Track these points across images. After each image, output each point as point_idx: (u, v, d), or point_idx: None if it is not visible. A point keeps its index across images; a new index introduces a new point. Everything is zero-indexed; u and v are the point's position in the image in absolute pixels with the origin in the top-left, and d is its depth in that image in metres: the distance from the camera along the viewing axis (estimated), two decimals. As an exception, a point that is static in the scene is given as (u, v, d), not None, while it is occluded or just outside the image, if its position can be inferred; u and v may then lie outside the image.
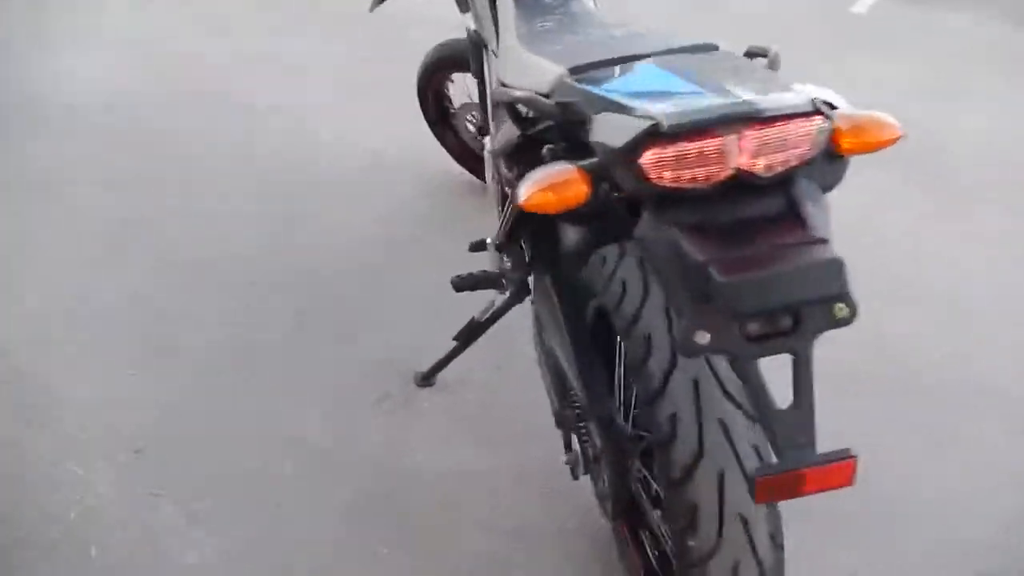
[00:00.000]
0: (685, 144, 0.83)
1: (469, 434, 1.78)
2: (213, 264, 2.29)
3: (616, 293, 1.14)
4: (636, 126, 0.85)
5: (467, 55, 2.30)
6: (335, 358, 1.98)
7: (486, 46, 1.70)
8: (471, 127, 2.51)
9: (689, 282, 0.82)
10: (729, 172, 0.85)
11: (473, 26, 1.76)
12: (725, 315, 0.81)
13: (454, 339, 1.85)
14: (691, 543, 1.03)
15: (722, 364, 1.05)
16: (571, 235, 1.53)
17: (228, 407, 1.85)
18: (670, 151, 0.84)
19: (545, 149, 1.12)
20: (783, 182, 0.87)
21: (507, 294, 1.76)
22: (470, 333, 1.83)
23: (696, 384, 1.03)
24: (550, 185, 0.93)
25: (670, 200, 0.87)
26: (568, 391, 1.39)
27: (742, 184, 0.86)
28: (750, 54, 1.11)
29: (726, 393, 1.03)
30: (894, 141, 0.90)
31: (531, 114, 1.21)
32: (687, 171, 0.84)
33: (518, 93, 1.16)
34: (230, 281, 2.23)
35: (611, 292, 1.15)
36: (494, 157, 1.61)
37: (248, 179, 2.72)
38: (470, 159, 2.63)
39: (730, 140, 0.83)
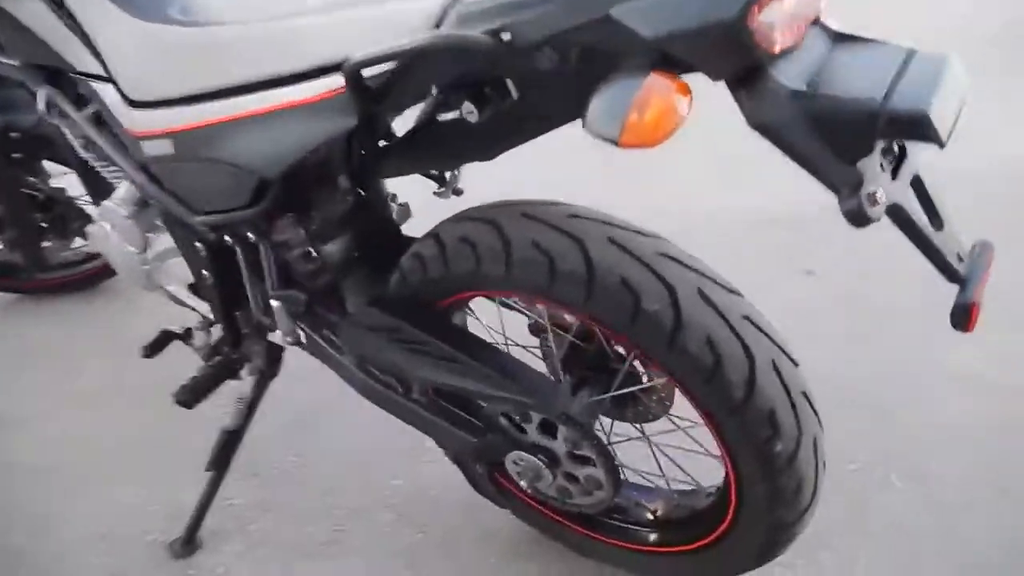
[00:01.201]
0: None
1: (303, 559, 1.34)
2: None
3: (537, 262, 0.95)
4: None
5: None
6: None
7: (62, 72, 1.16)
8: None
9: (857, 139, 0.69)
10: (814, 16, 0.73)
11: (14, 62, 1.19)
12: (915, 143, 0.72)
13: (208, 469, 1.34)
14: (778, 448, 0.95)
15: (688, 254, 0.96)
16: (344, 251, 1.19)
17: None
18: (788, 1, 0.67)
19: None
20: None
21: (256, 375, 1.33)
22: (226, 449, 1.35)
23: (702, 293, 0.93)
24: (655, 106, 0.67)
25: (759, 73, 0.70)
26: (485, 415, 1.13)
27: None
28: None
29: (720, 284, 0.95)
30: None
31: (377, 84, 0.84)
32: (795, 25, 0.70)
33: (414, 43, 0.77)
34: None
35: (521, 272, 0.96)
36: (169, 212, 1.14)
37: None
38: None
39: None
